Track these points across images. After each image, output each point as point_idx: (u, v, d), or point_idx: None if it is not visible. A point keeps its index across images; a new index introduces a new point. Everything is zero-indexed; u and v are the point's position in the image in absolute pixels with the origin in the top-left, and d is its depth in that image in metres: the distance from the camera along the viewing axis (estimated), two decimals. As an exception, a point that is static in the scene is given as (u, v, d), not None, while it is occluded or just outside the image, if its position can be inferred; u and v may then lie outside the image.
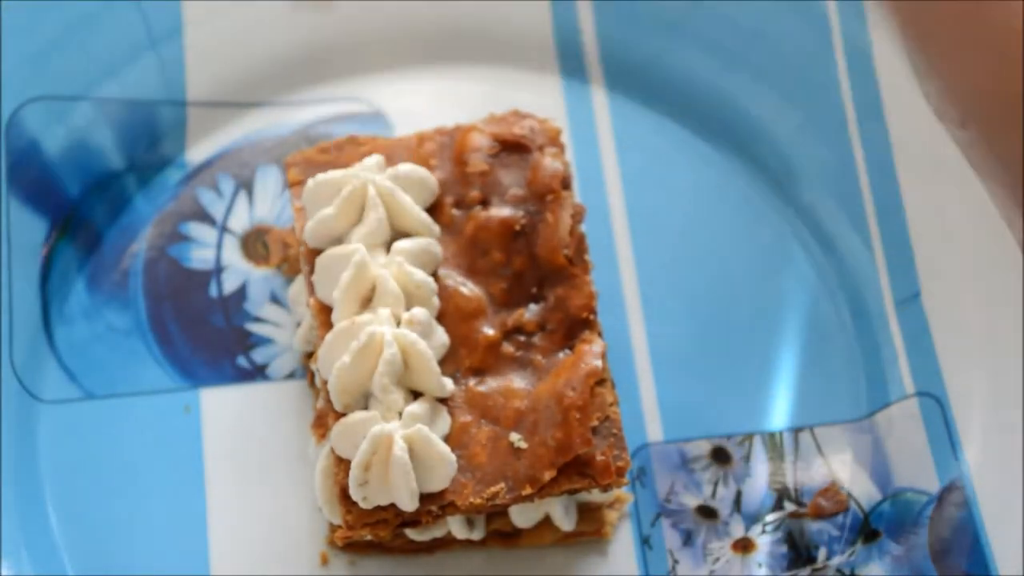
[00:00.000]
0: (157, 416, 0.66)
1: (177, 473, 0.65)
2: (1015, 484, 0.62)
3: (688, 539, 0.64)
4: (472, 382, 0.59)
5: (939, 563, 0.62)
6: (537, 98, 0.64)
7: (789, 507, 0.65)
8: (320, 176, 0.62)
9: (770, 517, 0.65)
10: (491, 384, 0.59)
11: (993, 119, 0.44)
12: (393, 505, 0.57)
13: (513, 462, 0.57)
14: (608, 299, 0.68)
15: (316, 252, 0.61)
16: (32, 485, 0.64)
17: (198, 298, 0.69)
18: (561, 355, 0.60)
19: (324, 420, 0.60)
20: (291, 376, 0.67)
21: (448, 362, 0.60)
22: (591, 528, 0.63)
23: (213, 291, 0.69)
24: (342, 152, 0.65)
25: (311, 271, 0.61)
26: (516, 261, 0.61)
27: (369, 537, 0.58)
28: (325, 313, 0.60)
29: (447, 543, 0.63)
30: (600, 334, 0.60)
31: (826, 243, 0.71)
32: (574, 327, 0.60)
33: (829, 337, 0.69)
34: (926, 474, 0.64)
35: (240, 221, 0.71)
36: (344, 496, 0.57)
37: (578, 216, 0.63)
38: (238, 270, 0.70)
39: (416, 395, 0.58)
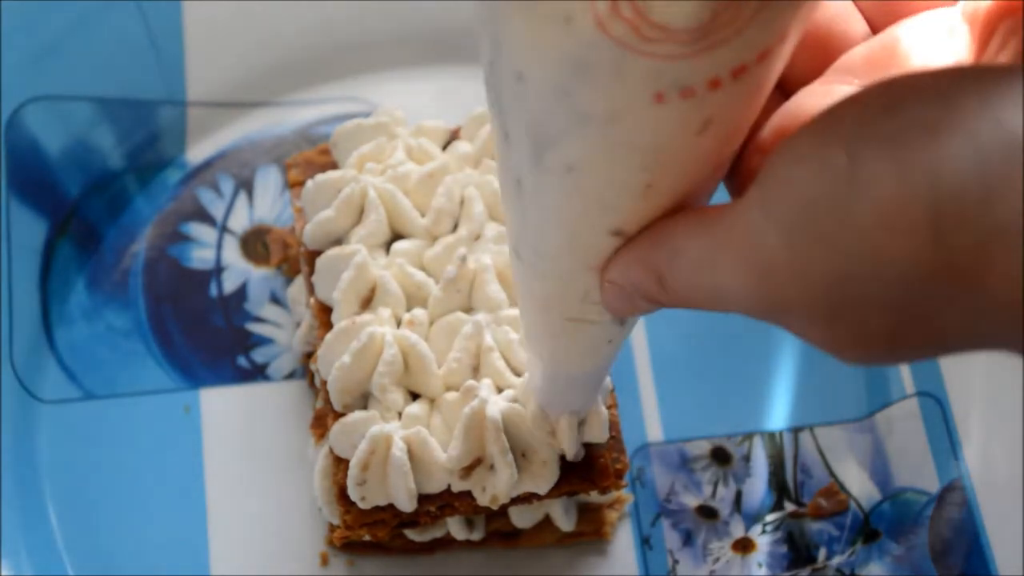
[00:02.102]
0: (157, 416, 0.66)
1: (177, 473, 0.65)
2: (1015, 484, 0.62)
3: (688, 539, 0.64)
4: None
5: (939, 563, 0.62)
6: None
7: (789, 507, 0.65)
8: (319, 177, 0.62)
9: (770, 517, 0.65)
10: (490, 385, 0.59)
11: None
12: (392, 505, 0.57)
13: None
14: (608, 299, 0.68)
15: (316, 253, 0.61)
16: (32, 485, 0.64)
17: (198, 298, 0.69)
18: (561, 356, 0.59)
19: (323, 420, 0.60)
20: (291, 376, 0.67)
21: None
22: (591, 528, 0.63)
23: (213, 291, 0.69)
24: (343, 152, 0.65)
25: (311, 272, 0.61)
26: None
27: (368, 537, 0.58)
28: (325, 313, 0.60)
29: (447, 543, 0.63)
30: (599, 335, 0.60)
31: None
32: (574, 328, 0.60)
33: (829, 337, 0.69)
34: (926, 474, 0.64)
35: (240, 221, 0.71)
36: (343, 496, 0.57)
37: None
38: (238, 270, 0.70)
39: (415, 396, 0.58)
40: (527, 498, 0.57)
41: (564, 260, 0.43)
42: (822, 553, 0.64)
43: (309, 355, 0.66)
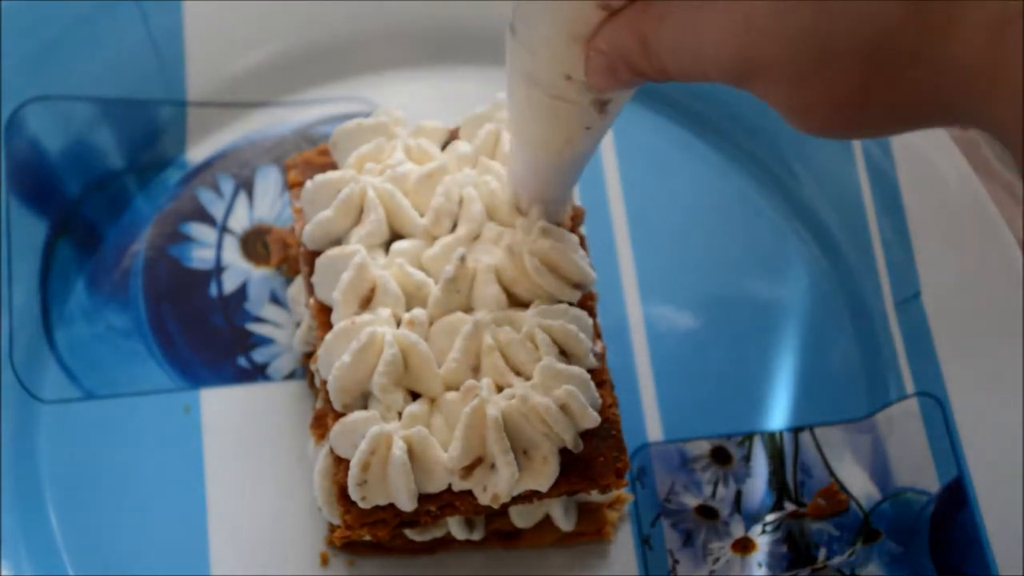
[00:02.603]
0: (157, 416, 0.66)
1: (177, 473, 0.65)
2: (1015, 484, 0.62)
3: (688, 539, 0.64)
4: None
5: (939, 563, 0.62)
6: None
7: (789, 507, 0.65)
8: (318, 177, 0.62)
9: (770, 517, 0.65)
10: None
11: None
12: (392, 505, 0.56)
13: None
14: (608, 299, 0.68)
15: (315, 253, 0.61)
16: (32, 485, 0.64)
17: (198, 298, 0.69)
18: (560, 356, 0.60)
19: (323, 420, 0.60)
20: (291, 376, 0.67)
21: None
22: (591, 528, 0.63)
23: (213, 291, 0.69)
24: (342, 153, 0.65)
25: (310, 272, 0.61)
26: (515, 262, 0.61)
27: (368, 537, 0.58)
28: (325, 314, 0.60)
29: (447, 543, 0.63)
30: (600, 335, 0.60)
31: (826, 243, 0.71)
32: (574, 328, 0.60)
33: (829, 337, 0.69)
34: (926, 474, 0.64)
35: (240, 221, 0.71)
36: (343, 496, 0.57)
37: (577, 218, 0.63)
38: (238, 270, 0.70)
39: (415, 396, 0.58)
40: (528, 497, 0.57)
41: (554, 31, 0.47)
42: (822, 553, 0.64)
43: (309, 355, 0.66)
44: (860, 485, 0.65)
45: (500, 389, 0.57)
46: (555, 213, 0.60)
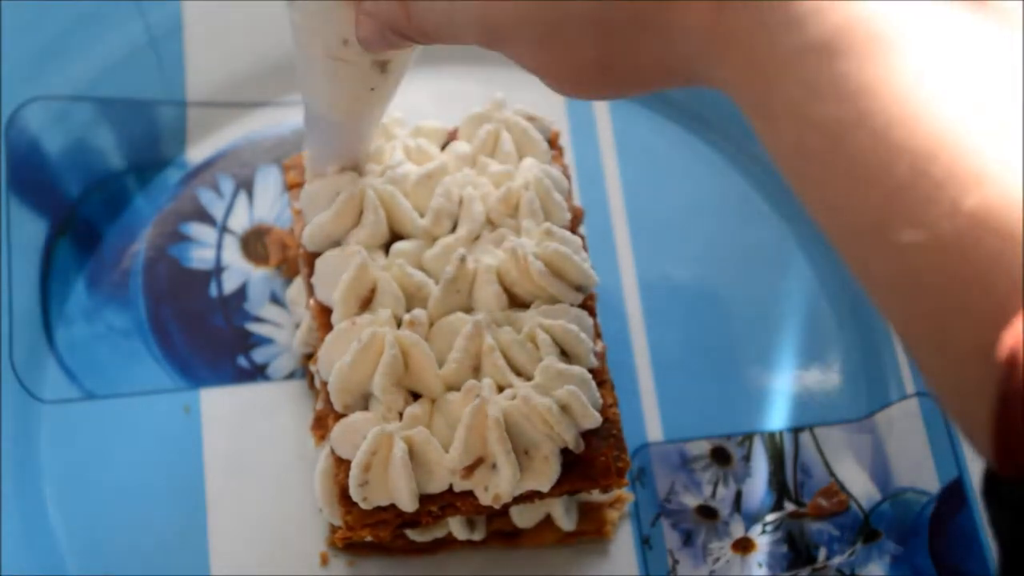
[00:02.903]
0: (157, 416, 0.66)
1: (177, 473, 0.65)
2: (1015, 484, 0.62)
3: (688, 539, 0.64)
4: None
5: (939, 563, 0.62)
6: (537, 98, 0.64)
7: (789, 507, 0.65)
8: (317, 179, 0.62)
9: (770, 517, 0.65)
10: (491, 385, 0.59)
11: None
12: (393, 506, 0.57)
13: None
14: (608, 300, 0.68)
15: (315, 255, 0.61)
16: (32, 485, 0.64)
17: (198, 298, 0.69)
18: (560, 356, 0.60)
19: (324, 422, 0.60)
20: (291, 376, 0.67)
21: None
22: (592, 528, 0.63)
23: (213, 291, 0.69)
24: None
25: (310, 273, 0.61)
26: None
27: (369, 538, 0.58)
28: (325, 315, 0.60)
29: (448, 543, 0.63)
30: (600, 335, 0.60)
31: (826, 243, 0.71)
32: (574, 328, 0.60)
33: (829, 337, 0.69)
34: (926, 474, 0.65)
35: (240, 221, 0.71)
36: (344, 497, 0.57)
37: (577, 219, 0.63)
38: (238, 270, 0.70)
39: (416, 396, 0.58)
40: (529, 496, 0.57)
41: None
42: (822, 553, 0.64)
43: (308, 356, 0.66)
44: (860, 485, 0.65)
45: (501, 389, 0.57)
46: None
